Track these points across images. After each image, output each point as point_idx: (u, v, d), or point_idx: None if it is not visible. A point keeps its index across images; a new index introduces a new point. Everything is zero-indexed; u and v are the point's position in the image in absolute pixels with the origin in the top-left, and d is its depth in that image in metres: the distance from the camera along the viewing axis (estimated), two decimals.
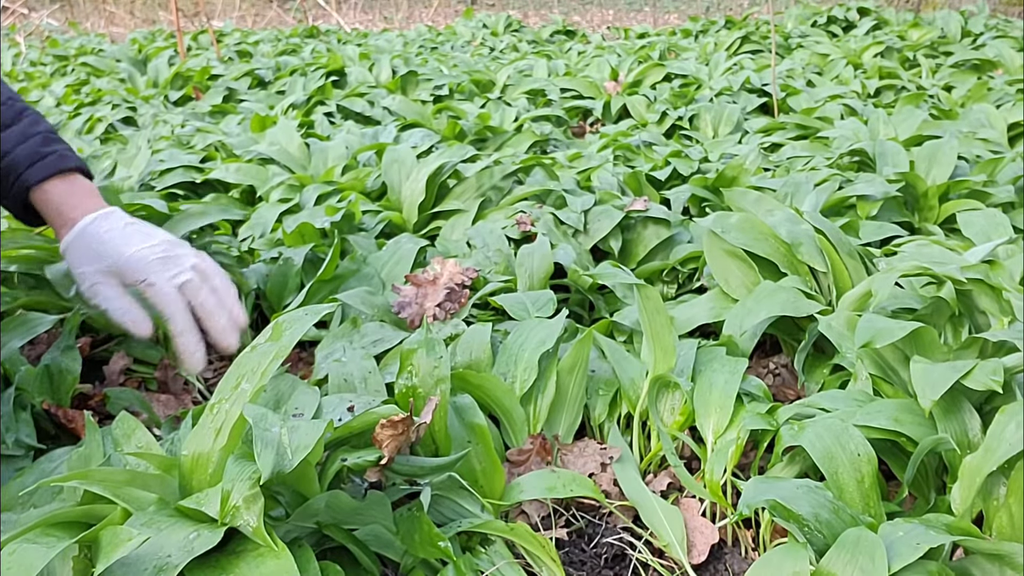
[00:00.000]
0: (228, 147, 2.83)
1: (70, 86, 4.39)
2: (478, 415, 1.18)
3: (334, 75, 4.38)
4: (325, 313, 1.12)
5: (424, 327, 1.23)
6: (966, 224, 1.96)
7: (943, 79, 4.34)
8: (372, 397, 1.19)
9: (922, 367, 1.14)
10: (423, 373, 1.16)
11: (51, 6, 10.09)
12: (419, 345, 1.18)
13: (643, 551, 1.11)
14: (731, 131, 3.32)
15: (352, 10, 10.62)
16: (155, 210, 1.74)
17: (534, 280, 1.72)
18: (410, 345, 1.19)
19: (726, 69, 4.53)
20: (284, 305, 1.71)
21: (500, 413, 1.25)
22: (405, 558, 1.00)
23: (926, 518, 0.97)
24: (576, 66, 4.98)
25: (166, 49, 5.28)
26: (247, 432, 0.90)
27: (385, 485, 1.05)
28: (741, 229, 1.64)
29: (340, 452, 1.00)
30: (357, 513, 0.98)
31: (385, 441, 1.01)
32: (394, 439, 1.01)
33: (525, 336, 1.35)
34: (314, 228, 1.92)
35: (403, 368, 1.17)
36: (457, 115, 3.41)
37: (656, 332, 1.28)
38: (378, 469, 1.02)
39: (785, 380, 1.56)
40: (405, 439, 1.03)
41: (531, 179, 2.33)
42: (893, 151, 2.44)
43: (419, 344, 1.18)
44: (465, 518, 1.07)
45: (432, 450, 1.13)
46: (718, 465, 1.17)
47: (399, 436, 1.02)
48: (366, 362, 1.33)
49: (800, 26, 6.42)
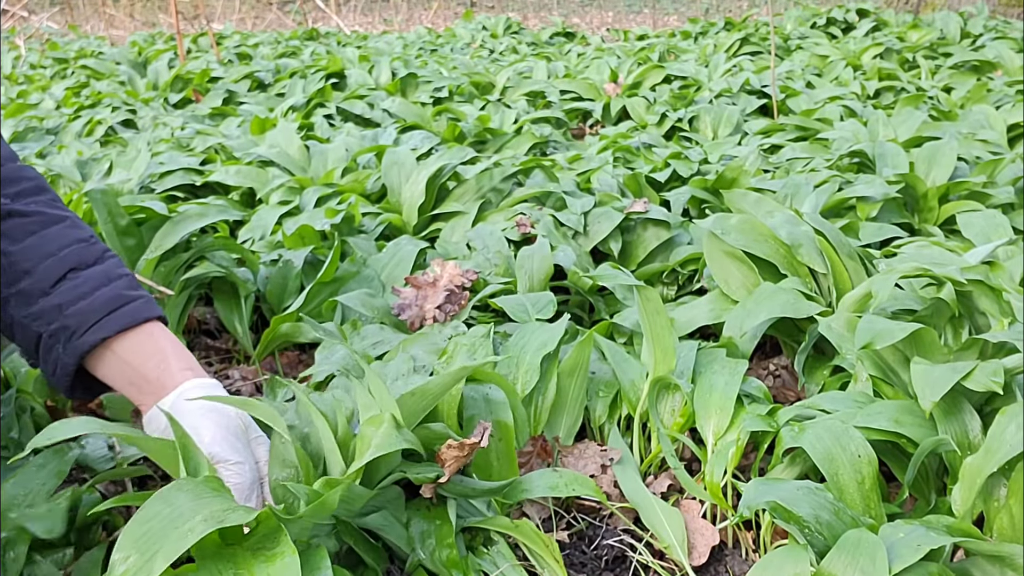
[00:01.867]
0: (228, 149, 2.83)
1: (70, 89, 4.40)
2: (506, 413, 1.19)
3: (334, 77, 4.39)
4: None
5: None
6: (966, 225, 1.96)
7: (942, 80, 4.34)
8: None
9: (922, 368, 1.14)
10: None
11: (51, 9, 10.10)
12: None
13: (644, 553, 1.11)
14: (731, 133, 3.32)
15: (352, 12, 10.63)
16: (155, 212, 1.74)
17: (534, 282, 1.72)
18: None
19: (725, 71, 4.54)
20: (284, 307, 1.71)
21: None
22: (412, 555, 1.01)
23: (927, 519, 0.97)
24: (576, 68, 4.98)
25: (166, 52, 5.28)
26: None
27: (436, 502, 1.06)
28: (741, 231, 1.64)
29: (401, 464, 1.01)
30: (370, 501, 0.99)
31: (448, 461, 1.02)
32: (457, 461, 1.02)
33: (526, 338, 1.35)
34: (314, 230, 1.92)
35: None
36: (457, 117, 3.41)
37: (656, 334, 1.28)
38: (433, 486, 1.03)
39: (785, 381, 1.56)
40: (466, 461, 1.05)
41: (531, 181, 2.33)
42: (893, 152, 2.44)
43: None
44: (472, 515, 1.08)
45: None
46: (718, 467, 1.17)
47: (463, 458, 1.03)
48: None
49: (799, 28, 6.42)
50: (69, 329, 1.04)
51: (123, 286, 1.08)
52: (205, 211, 1.83)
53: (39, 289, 1.04)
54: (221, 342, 1.77)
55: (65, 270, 1.06)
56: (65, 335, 1.04)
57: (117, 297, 1.07)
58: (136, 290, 1.10)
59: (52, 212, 1.11)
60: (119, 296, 1.07)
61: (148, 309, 1.09)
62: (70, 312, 1.04)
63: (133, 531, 0.77)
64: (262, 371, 1.63)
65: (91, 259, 1.09)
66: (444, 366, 1.30)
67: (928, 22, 5.93)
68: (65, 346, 1.04)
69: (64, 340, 1.04)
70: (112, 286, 1.07)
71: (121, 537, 0.76)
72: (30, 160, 2.78)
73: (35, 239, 1.07)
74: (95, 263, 1.09)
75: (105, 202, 1.69)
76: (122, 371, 1.06)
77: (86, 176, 2.57)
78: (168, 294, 1.62)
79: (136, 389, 1.05)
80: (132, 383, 1.05)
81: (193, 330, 1.80)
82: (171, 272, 1.70)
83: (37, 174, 1.14)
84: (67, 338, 1.04)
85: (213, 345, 1.76)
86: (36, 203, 1.10)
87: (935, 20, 5.83)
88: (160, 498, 0.80)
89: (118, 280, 1.09)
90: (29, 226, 1.07)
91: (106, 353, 1.05)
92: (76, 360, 1.04)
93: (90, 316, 1.04)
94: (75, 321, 1.04)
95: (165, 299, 1.64)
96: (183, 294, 1.69)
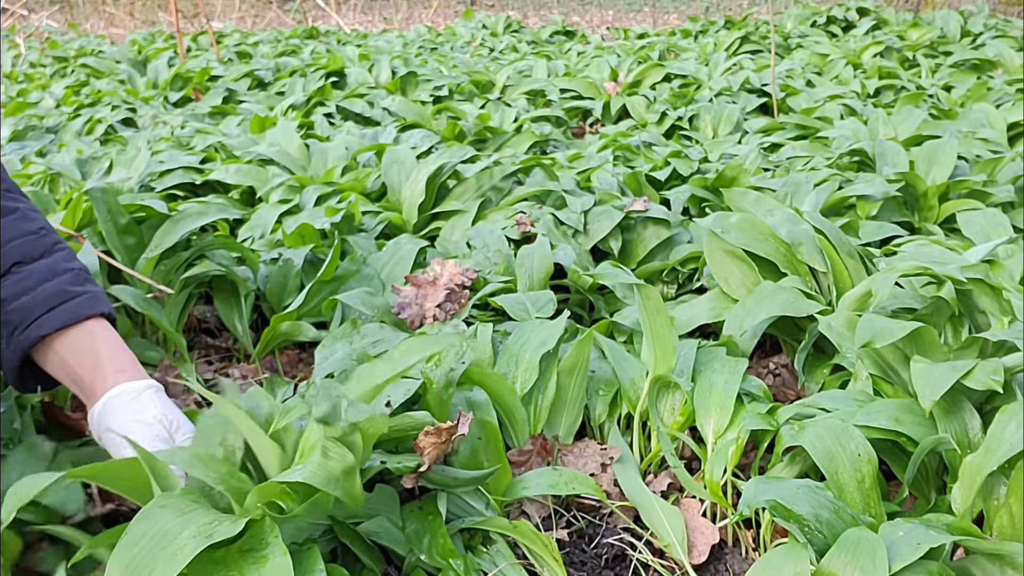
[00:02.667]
0: (228, 148, 2.83)
1: (70, 87, 4.40)
2: (490, 413, 1.19)
3: (334, 76, 4.39)
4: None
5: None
6: (966, 224, 1.96)
7: (943, 79, 4.34)
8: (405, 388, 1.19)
9: (922, 367, 1.14)
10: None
11: (51, 7, 10.09)
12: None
13: (644, 551, 1.11)
14: (731, 131, 3.32)
15: (352, 11, 10.62)
16: (155, 211, 1.74)
17: (534, 281, 1.72)
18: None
19: (726, 69, 4.53)
20: (284, 306, 1.71)
21: (502, 412, 1.25)
22: (410, 556, 1.01)
23: (926, 518, 0.97)
24: (576, 66, 4.98)
25: (166, 50, 5.28)
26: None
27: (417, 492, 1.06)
28: (741, 229, 1.64)
29: (377, 454, 1.01)
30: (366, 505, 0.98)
31: (427, 449, 1.01)
32: (436, 447, 1.02)
33: (526, 337, 1.35)
34: (314, 229, 1.92)
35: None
36: (457, 116, 3.41)
37: (656, 332, 1.28)
38: (415, 476, 1.03)
39: (785, 380, 1.56)
40: (445, 448, 1.04)
41: (531, 180, 2.33)
42: (893, 151, 2.44)
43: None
44: (470, 515, 1.08)
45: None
46: (718, 465, 1.17)
47: (441, 445, 1.02)
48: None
49: (800, 26, 6.42)
50: (12, 324, 1.02)
51: (68, 281, 1.06)
52: (205, 210, 1.83)
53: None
54: (221, 341, 1.77)
55: (10, 264, 1.05)
56: (7, 330, 1.02)
57: (60, 293, 1.04)
58: (83, 285, 1.07)
59: (2, 204, 1.09)
60: (62, 292, 1.04)
61: (91, 305, 1.06)
62: (13, 307, 1.02)
63: (121, 557, 0.75)
64: (262, 369, 1.63)
65: (37, 252, 1.08)
66: (433, 368, 1.29)
67: (928, 20, 5.93)
68: (8, 341, 1.03)
69: (7, 335, 1.02)
70: (56, 281, 1.05)
71: (110, 566, 0.74)
72: (30, 159, 2.78)
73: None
74: (41, 256, 1.08)
75: (105, 201, 1.69)
76: (63, 369, 1.04)
77: (86, 175, 2.57)
78: (168, 292, 1.62)
79: (77, 388, 1.04)
80: (73, 382, 1.04)
81: (193, 329, 1.80)
82: (171, 271, 1.70)
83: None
84: (9, 333, 1.02)
85: (213, 344, 1.76)
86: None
87: (935, 18, 5.82)
88: (144, 518, 0.79)
89: (64, 275, 1.06)
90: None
91: (47, 351, 1.04)
92: (20, 356, 1.03)
93: (32, 311, 1.02)
94: (17, 316, 1.02)
95: (165, 298, 1.64)
96: (183, 293, 1.69)
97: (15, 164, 2.73)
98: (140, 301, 1.55)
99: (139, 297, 1.55)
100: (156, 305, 1.59)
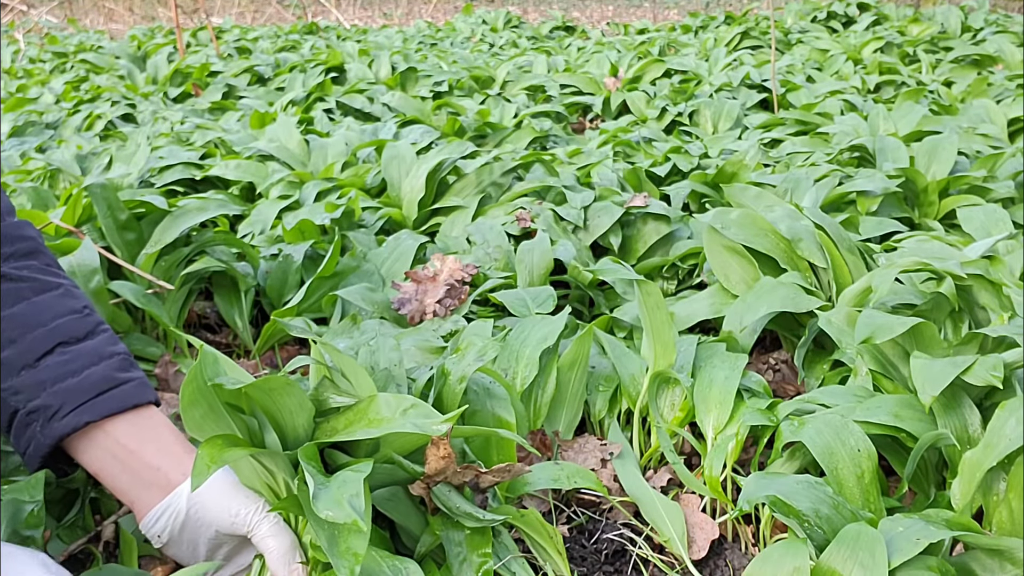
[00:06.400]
0: (228, 144, 2.82)
1: (69, 83, 4.39)
2: (508, 410, 1.19)
3: (333, 71, 4.38)
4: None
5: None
6: (966, 220, 1.96)
7: (943, 74, 4.34)
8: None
9: (922, 363, 1.14)
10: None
11: (50, 3, 10.08)
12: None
13: (643, 547, 1.11)
14: (731, 127, 3.32)
15: (351, 6, 10.61)
16: (155, 206, 1.74)
17: (534, 276, 1.72)
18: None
19: (726, 65, 4.53)
20: (284, 302, 1.71)
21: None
22: (419, 545, 1.00)
23: (926, 513, 0.97)
24: (576, 62, 4.97)
25: (165, 46, 5.27)
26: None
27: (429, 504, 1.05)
28: (741, 225, 1.64)
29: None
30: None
31: (430, 458, 1.00)
32: (437, 459, 1.00)
33: (526, 333, 1.35)
34: (314, 225, 1.92)
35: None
36: (457, 111, 3.41)
37: (656, 328, 1.28)
38: (425, 487, 1.00)
39: (785, 376, 1.56)
40: (449, 459, 1.02)
41: (531, 175, 2.33)
42: (893, 147, 2.44)
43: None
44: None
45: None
46: (718, 461, 1.17)
47: (441, 459, 1.01)
48: (393, 353, 1.30)
49: (800, 22, 6.41)
50: (51, 408, 0.96)
51: (115, 366, 1.01)
52: (205, 205, 1.82)
53: (23, 361, 0.97)
54: (221, 336, 1.77)
55: (54, 343, 0.99)
56: (46, 414, 0.96)
57: (107, 379, 0.99)
58: (129, 371, 1.02)
59: (45, 279, 1.04)
60: (109, 378, 0.99)
61: (141, 393, 1.01)
62: (55, 390, 0.96)
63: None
64: (262, 365, 1.63)
65: (82, 333, 1.02)
66: (456, 362, 1.28)
67: (929, 16, 5.91)
68: (44, 426, 0.96)
69: (44, 419, 0.96)
70: (103, 365, 1.00)
71: None
72: (29, 155, 2.78)
73: (25, 306, 1.00)
74: (86, 337, 1.02)
75: (105, 196, 1.69)
76: (115, 456, 0.97)
77: (86, 170, 2.57)
78: (168, 288, 1.63)
79: (131, 476, 0.96)
80: (127, 469, 0.96)
81: (193, 324, 1.80)
82: (171, 267, 1.70)
83: (35, 232, 1.07)
84: (47, 418, 0.96)
85: (213, 339, 1.76)
86: (29, 268, 1.03)
87: (936, 14, 5.81)
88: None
89: (110, 359, 1.01)
90: (21, 292, 1.00)
91: (97, 435, 0.97)
92: (54, 442, 0.96)
93: (76, 396, 0.96)
94: (58, 400, 0.96)
95: (165, 294, 1.64)
96: (183, 289, 1.69)
97: (15, 160, 2.73)
98: (140, 297, 1.54)
99: (139, 293, 1.55)
100: (156, 301, 1.59)
